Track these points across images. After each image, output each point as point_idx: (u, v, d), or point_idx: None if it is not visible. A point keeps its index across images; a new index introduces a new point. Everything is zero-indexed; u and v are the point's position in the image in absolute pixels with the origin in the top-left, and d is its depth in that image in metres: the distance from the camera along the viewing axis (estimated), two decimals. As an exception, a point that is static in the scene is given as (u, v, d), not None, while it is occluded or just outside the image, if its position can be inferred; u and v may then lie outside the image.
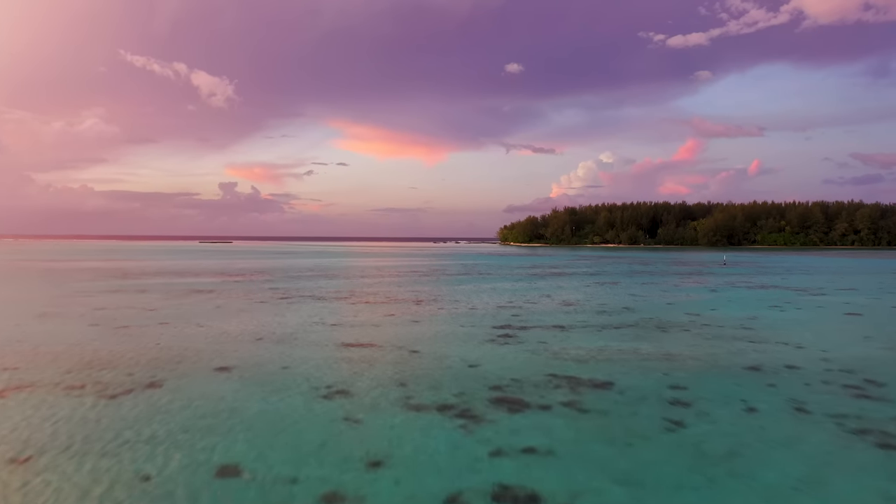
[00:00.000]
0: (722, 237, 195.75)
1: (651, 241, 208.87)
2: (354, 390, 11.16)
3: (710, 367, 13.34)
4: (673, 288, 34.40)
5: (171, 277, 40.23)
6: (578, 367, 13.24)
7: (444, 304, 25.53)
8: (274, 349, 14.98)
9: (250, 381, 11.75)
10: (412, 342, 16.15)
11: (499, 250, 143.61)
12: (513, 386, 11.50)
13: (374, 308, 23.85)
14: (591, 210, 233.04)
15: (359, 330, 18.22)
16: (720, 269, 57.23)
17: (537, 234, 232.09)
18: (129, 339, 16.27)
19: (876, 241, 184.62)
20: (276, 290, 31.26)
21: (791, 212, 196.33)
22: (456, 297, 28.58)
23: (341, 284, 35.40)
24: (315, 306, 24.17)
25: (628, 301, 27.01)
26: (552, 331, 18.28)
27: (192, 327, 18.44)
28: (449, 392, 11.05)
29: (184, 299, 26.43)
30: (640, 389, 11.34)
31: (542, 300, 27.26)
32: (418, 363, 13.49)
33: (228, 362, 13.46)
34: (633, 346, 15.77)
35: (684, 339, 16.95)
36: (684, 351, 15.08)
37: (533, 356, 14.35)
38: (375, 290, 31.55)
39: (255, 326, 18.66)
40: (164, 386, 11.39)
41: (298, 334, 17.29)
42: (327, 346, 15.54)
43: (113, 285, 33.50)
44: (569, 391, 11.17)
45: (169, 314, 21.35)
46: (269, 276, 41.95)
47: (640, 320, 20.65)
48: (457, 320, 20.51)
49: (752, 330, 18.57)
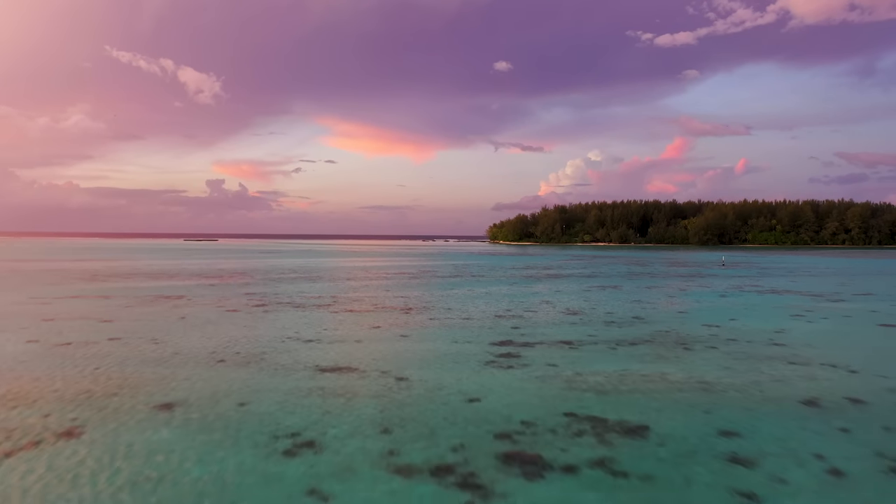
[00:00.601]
0: (713, 236, 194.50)
1: (642, 239, 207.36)
2: (325, 441, 8.77)
3: (759, 401, 11.05)
4: (679, 293, 32.20)
5: (142, 280, 37.58)
6: (600, 401, 10.91)
7: (435, 312, 23.16)
8: (234, 376, 12.55)
9: (194, 427, 9.33)
10: (399, 365, 13.77)
11: (489, 249, 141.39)
12: (524, 433, 9.15)
13: (359, 318, 21.44)
14: (581, 208, 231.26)
15: (338, 348, 15.81)
16: (720, 270, 55.21)
17: (527, 232, 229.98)
18: (64, 363, 13.77)
19: (867, 240, 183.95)
20: (252, 295, 28.76)
21: (782, 210, 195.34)
22: (448, 303, 26.22)
23: (324, 289, 32.93)
24: (292, 316, 21.72)
25: (636, 309, 24.75)
26: (560, 348, 15.96)
27: (144, 345, 15.96)
28: (445, 444, 8.69)
29: (147, 307, 23.89)
30: (684, 437, 9.03)
31: (543, 308, 24.94)
32: (406, 397, 11.12)
33: (174, 396, 11.02)
34: (659, 369, 13.46)
35: (714, 359, 14.66)
36: (720, 377, 12.79)
37: (543, 386, 12.01)
38: (361, 296, 29.13)
39: (219, 343, 16.21)
40: (82, 436, 8.95)
41: (267, 354, 14.86)
42: (299, 371, 13.13)
43: (75, 289, 30.86)
44: (595, 441, 8.84)
45: (124, 327, 18.84)
46: (249, 279, 39.40)
47: (656, 334, 18.38)
48: (450, 334, 18.15)
49: (786, 347, 16.33)
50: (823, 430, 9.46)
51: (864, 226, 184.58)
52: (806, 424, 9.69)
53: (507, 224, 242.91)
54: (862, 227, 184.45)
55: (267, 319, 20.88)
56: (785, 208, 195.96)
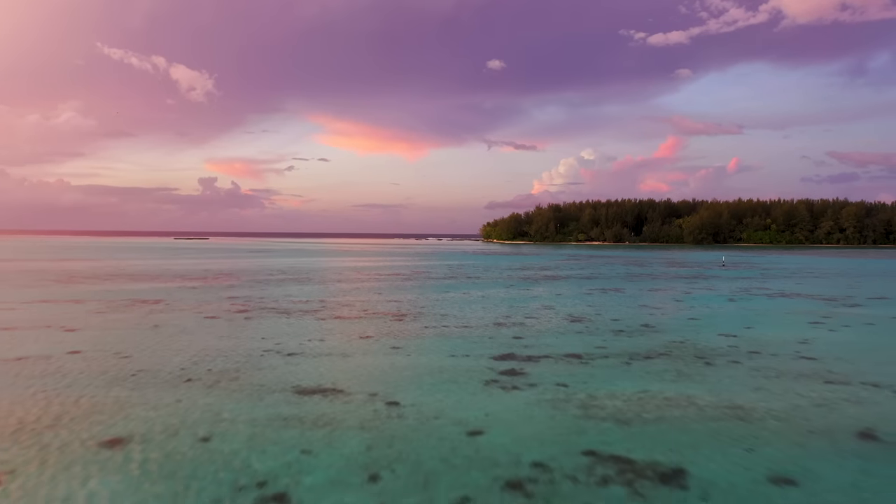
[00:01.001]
0: (707, 235, 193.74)
1: (636, 238, 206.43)
2: (299, 495, 7.21)
3: (807, 434, 9.55)
4: (685, 296, 30.74)
5: (121, 282, 35.86)
6: (623, 434, 9.39)
7: (430, 319, 21.61)
8: (201, 401, 10.96)
9: (145, 472, 7.75)
10: (390, 385, 12.21)
11: (482, 248, 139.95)
12: (538, 481, 7.62)
13: (347, 326, 19.87)
14: (576, 207, 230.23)
15: (323, 363, 14.24)
16: (721, 271, 53.88)
17: (521, 231, 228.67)
18: (14, 383, 12.13)
19: (861, 239, 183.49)
20: (235, 300, 27.12)
21: (776, 210, 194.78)
22: (443, 308, 24.67)
23: (313, 292, 31.32)
24: (275, 324, 20.13)
25: (643, 315, 23.27)
26: (568, 363, 14.44)
27: (107, 360, 14.34)
28: (444, 497, 7.15)
29: (120, 314, 22.24)
30: (730, 485, 7.51)
31: (544, 314, 23.42)
32: (398, 429, 9.56)
33: (129, 428, 9.43)
34: (683, 391, 11.95)
35: (741, 377, 13.16)
36: (754, 401, 11.29)
37: (555, 413, 10.48)
38: (351, 300, 27.54)
39: (190, 358, 14.61)
40: (10, 485, 7.35)
41: (242, 372, 13.27)
42: (276, 393, 11.55)
43: (47, 293, 29.15)
44: (626, 492, 7.32)
45: (89, 338, 17.20)
46: (234, 280, 37.72)
47: (670, 345, 16.88)
48: (446, 346, 16.60)
49: (816, 362, 14.85)
50: (893, 473, 7.97)
51: (858, 225, 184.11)
52: (871, 466, 8.19)
53: (501, 223, 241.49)
54: (857, 226, 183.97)
55: (247, 328, 19.28)
56: (780, 207, 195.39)
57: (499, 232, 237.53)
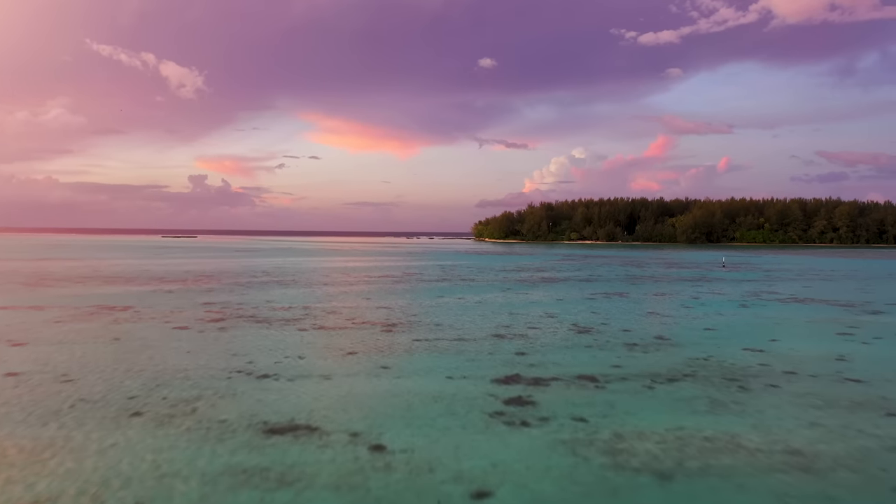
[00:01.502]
0: (701, 234, 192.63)
1: (629, 237, 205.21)
2: None
3: (889, 491, 7.69)
4: (694, 301, 28.93)
5: (93, 285, 33.69)
6: (666, 495, 7.48)
7: (422, 330, 19.68)
8: (142, 446, 8.97)
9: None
10: (376, 422, 10.25)
11: (475, 247, 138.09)
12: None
13: (331, 340, 17.91)
14: (568, 206, 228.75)
15: (298, 389, 12.27)
16: (724, 272, 52.21)
17: (513, 229, 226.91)
18: (-81, 419, 10.11)
19: (855, 238, 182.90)
20: (211, 306, 25.07)
21: (769, 209, 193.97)
22: (437, 316, 22.74)
23: (297, 297, 29.31)
24: (251, 337, 18.14)
25: (655, 324, 21.43)
26: (582, 387, 12.54)
27: (44, 385, 12.31)
28: None
29: (81, 323, 20.17)
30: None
31: (547, 323, 21.53)
32: (384, 488, 7.61)
33: (31, 493, 7.44)
34: (724, 427, 10.04)
35: (786, 408, 11.28)
36: (811, 441, 9.40)
37: (577, 462, 8.56)
38: (337, 306, 25.55)
39: (144, 383, 12.59)
40: None
41: (203, 401, 11.28)
42: (238, 433, 9.57)
43: (7, 298, 26.98)
44: None
45: (32, 356, 15.14)
46: (214, 283, 35.63)
47: (693, 363, 15.01)
48: (442, 364, 14.66)
49: (866, 385, 13.00)
50: None
51: (851, 224, 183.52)
52: None
53: (493, 221, 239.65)
54: (850, 225, 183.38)
55: (219, 342, 17.28)
56: (772, 206, 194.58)
57: (491, 230, 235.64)
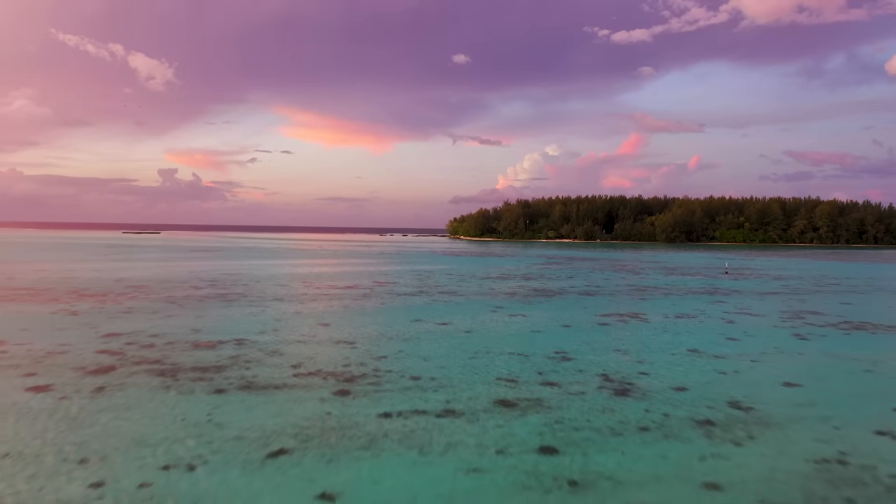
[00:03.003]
0: (681, 233, 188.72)
1: (608, 236, 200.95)
2: None
3: None
4: (733, 329, 23.32)
5: (-15, 303, 27.04)
6: None
7: (391, 391, 13.70)
8: None
9: None
10: None
11: (450, 246, 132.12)
12: None
13: (256, 416, 11.83)
14: (545, 203, 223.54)
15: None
16: (730, 281, 46.98)
17: (489, 227, 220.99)
18: None
19: (835, 238, 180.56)
20: (111, 342, 18.77)
21: (749, 207, 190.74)
22: (413, 362, 16.80)
23: (235, 323, 23.10)
24: (137, 408, 11.98)
25: (712, 374, 15.74)
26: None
27: None
28: None
29: None
30: None
31: (565, 373, 15.68)
32: None
33: None
34: None
35: None
36: None
37: None
38: (282, 343, 19.45)
39: None
40: None
41: None
42: None
43: None
44: None
45: None
46: (140, 299, 29.17)
47: (832, 476, 9.25)
48: (422, 478, 8.69)
49: None
50: None
51: (832, 224, 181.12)
52: None
53: (469, 219, 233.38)
54: (830, 225, 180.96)
55: (82, 422, 11.09)
56: (752, 205, 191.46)
57: (466, 228, 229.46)
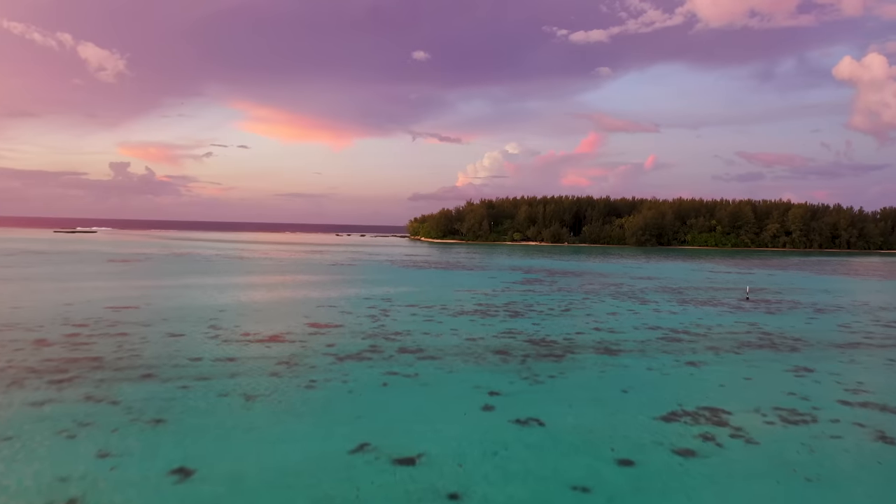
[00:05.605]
0: (651, 236, 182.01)
1: (575, 239, 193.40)
2: None
3: None
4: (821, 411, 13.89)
5: None
6: None
7: None
8: None
9: None
10: None
11: (412, 251, 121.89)
12: None
13: None
14: (510, 203, 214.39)
15: None
16: (765, 316, 38.05)
17: (451, 228, 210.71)
18: None
19: (808, 243, 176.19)
20: None
21: (721, 210, 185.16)
22: None
23: (99, 415, 12.68)
24: None
25: None
26: None
27: None
28: None
29: None
30: None
31: None
32: None
33: None
34: None
35: None
36: None
37: None
38: None
39: None
40: None
41: None
42: None
43: None
44: None
45: None
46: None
47: None
48: None
49: None
50: None
51: (805, 228, 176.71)
52: None
53: (430, 219, 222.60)
54: (803, 229, 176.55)
55: None
56: (724, 208, 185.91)
57: (427, 229, 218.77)
